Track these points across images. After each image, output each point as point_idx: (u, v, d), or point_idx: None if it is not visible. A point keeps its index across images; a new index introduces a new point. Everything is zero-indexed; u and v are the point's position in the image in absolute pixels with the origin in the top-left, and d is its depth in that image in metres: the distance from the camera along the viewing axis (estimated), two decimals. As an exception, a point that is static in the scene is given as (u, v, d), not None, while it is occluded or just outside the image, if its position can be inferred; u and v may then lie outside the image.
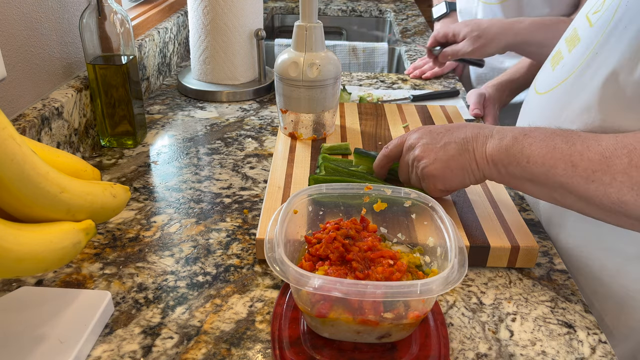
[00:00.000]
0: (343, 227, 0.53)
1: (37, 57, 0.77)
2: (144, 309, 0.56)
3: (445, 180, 0.64)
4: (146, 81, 1.09)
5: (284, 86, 0.85)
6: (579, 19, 0.69)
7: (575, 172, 0.53)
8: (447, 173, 0.63)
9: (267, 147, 0.91)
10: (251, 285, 0.60)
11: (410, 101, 1.11)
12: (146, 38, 1.10)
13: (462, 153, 0.62)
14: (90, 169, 0.55)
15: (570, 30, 0.70)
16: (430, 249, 0.55)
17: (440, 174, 0.63)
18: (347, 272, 0.49)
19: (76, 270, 0.61)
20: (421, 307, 0.47)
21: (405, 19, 1.81)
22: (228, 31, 1.06)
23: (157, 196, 0.76)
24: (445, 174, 0.63)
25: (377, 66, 1.50)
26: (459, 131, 0.64)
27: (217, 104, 1.08)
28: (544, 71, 0.75)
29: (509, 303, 0.58)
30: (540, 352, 0.52)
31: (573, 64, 0.65)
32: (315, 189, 0.57)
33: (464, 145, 0.62)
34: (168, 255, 0.64)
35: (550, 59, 0.74)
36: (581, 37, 0.65)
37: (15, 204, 0.43)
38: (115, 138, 0.88)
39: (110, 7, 0.80)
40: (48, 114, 0.75)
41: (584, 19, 0.67)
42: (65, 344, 0.49)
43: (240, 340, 0.53)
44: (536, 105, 0.73)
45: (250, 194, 0.77)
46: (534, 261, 0.63)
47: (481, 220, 0.66)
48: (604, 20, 0.62)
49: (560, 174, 0.54)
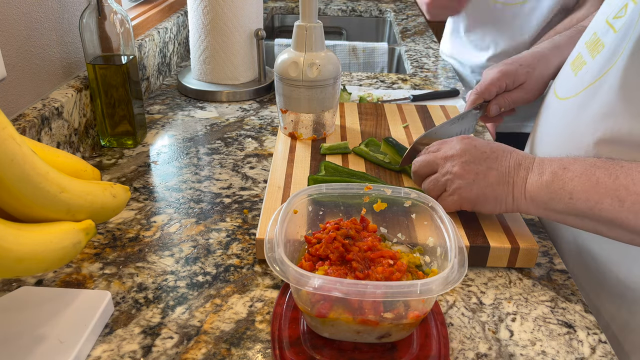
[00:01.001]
0: (343, 227, 0.53)
1: (37, 57, 0.77)
2: (144, 309, 0.56)
3: (476, 205, 0.63)
4: (146, 81, 1.09)
5: (284, 86, 0.85)
6: (599, 24, 0.67)
7: (623, 207, 0.53)
8: (481, 199, 0.62)
9: (267, 147, 0.91)
10: (251, 285, 0.60)
11: (410, 101, 1.11)
12: (146, 38, 1.10)
13: (501, 184, 0.61)
14: (90, 169, 0.55)
15: (590, 34, 0.69)
16: (430, 249, 0.55)
17: (474, 198, 0.62)
18: (347, 272, 0.49)
19: (76, 270, 0.61)
20: (421, 307, 0.47)
21: (405, 19, 1.81)
22: (228, 31, 1.06)
23: (157, 196, 0.76)
24: (478, 200, 0.62)
25: (377, 66, 1.50)
26: (503, 158, 0.62)
27: (217, 104, 1.08)
28: (564, 75, 0.73)
29: (509, 303, 0.58)
30: (540, 352, 0.52)
31: (599, 70, 0.63)
32: (315, 189, 0.57)
33: (505, 177, 0.61)
34: (168, 255, 0.64)
35: (570, 63, 0.72)
36: (605, 43, 0.64)
37: (15, 204, 0.43)
38: (115, 138, 0.88)
39: (110, 7, 0.80)
40: (48, 114, 0.75)
41: (605, 24, 0.65)
42: (65, 344, 0.49)
43: (240, 340, 0.53)
44: (557, 110, 0.71)
45: (250, 194, 0.77)
46: (534, 261, 0.63)
47: (481, 220, 0.66)
48: (628, 27, 0.60)
49: (607, 209, 0.54)
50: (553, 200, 0.57)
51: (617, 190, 0.53)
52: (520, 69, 0.82)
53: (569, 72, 0.71)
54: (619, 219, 0.53)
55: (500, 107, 0.85)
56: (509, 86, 0.83)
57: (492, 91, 0.83)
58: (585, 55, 0.68)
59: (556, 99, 0.72)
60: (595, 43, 0.66)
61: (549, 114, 0.75)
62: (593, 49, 0.66)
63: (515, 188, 0.60)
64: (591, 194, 0.55)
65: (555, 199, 0.57)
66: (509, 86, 0.83)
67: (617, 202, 0.53)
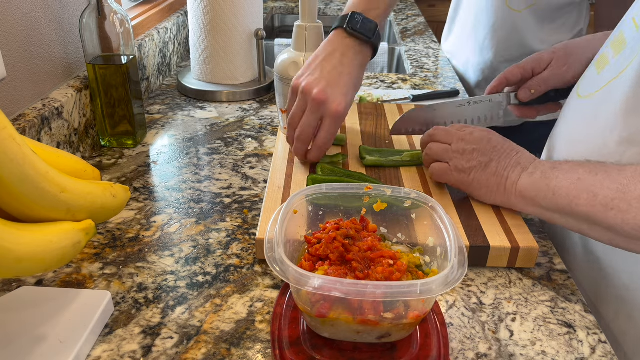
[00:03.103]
0: (343, 227, 0.52)
1: (37, 57, 0.77)
2: (144, 309, 0.56)
3: (469, 188, 0.68)
4: (146, 81, 1.09)
5: (283, 86, 0.85)
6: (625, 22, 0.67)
7: (596, 201, 0.54)
8: (475, 185, 0.67)
9: (267, 147, 0.91)
10: (251, 285, 0.60)
11: (410, 101, 1.11)
12: (146, 38, 1.10)
13: (496, 176, 0.66)
14: (90, 169, 0.55)
15: (617, 34, 0.68)
16: (430, 249, 0.55)
17: (469, 182, 0.68)
18: (347, 272, 0.49)
19: (76, 270, 0.61)
20: (421, 307, 0.47)
21: (405, 19, 1.81)
22: (228, 31, 1.06)
23: (157, 196, 0.76)
24: (472, 185, 0.68)
25: (377, 66, 1.50)
26: (507, 156, 0.66)
27: (217, 104, 1.08)
28: (588, 75, 0.72)
29: (509, 303, 0.58)
30: (540, 352, 0.52)
31: (618, 67, 0.64)
32: (315, 189, 0.57)
33: (502, 170, 0.65)
34: (168, 255, 0.64)
35: (595, 63, 0.71)
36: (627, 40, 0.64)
37: (15, 204, 0.43)
38: (115, 138, 0.88)
39: (110, 7, 0.80)
40: (48, 114, 0.75)
41: (631, 22, 0.65)
42: (65, 344, 0.49)
43: (240, 340, 0.53)
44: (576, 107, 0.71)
45: (250, 194, 0.77)
46: (534, 261, 0.63)
47: (481, 220, 0.66)
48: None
49: (583, 204, 0.56)
50: (538, 196, 0.61)
51: (594, 185, 0.55)
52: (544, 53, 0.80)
53: (593, 72, 0.70)
54: (592, 213, 0.55)
55: (531, 89, 0.80)
56: (536, 69, 0.80)
57: (515, 72, 0.80)
58: (609, 54, 0.67)
59: (577, 97, 0.72)
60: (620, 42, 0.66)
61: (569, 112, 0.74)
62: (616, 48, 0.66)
63: (507, 182, 0.64)
64: (571, 190, 0.57)
65: (540, 195, 0.60)
66: (536, 69, 0.80)
67: (592, 196, 0.55)
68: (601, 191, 0.54)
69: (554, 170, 0.60)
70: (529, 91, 0.80)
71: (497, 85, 0.82)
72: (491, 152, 0.67)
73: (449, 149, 0.70)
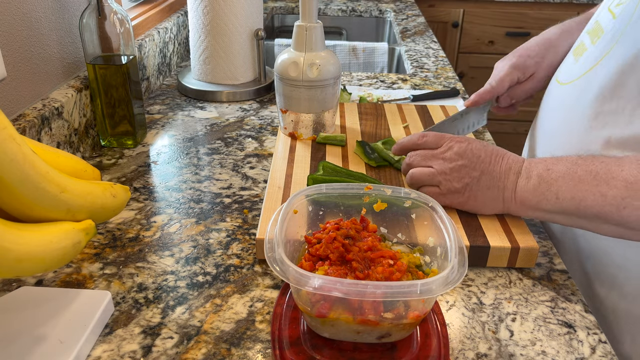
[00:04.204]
0: (343, 227, 0.53)
1: (37, 57, 0.77)
2: (144, 309, 0.56)
3: (466, 206, 0.66)
4: (146, 81, 1.09)
5: (284, 86, 0.85)
6: (601, 13, 0.69)
7: (605, 202, 0.55)
8: (471, 201, 0.65)
9: (267, 147, 0.91)
10: (251, 285, 0.60)
11: (410, 101, 1.11)
12: (146, 38, 1.10)
13: (492, 188, 0.63)
14: (90, 169, 0.55)
15: (593, 23, 0.70)
16: (430, 249, 0.55)
17: (465, 200, 0.65)
18: (347, 272, 0.49)
19: (76, 270, 0.61)
20: (421, 307, 0.47)
21: (405, 19, 1.81)
22: (228, 31, 1.06)
23: (157, 196, 0.76)
24: (469, 202, 0.65)
25: (377, 66, 1.50)
26: (496, 163, 0.64)
27: (217, 104, 1.08)
28: (566, 62, 0.74)
29: (509, 303, 0.58)
30: (540, 352, 0.52)
31: (597, 55, 0.65)
32: (315, 189, 0.57)
33: (496, 181, 0.63)
34: (168, 255, 0.64)
35: (572, 51, 0.74)
36: (605, 29, 0.66)
37: (15, 204, 0.43)
38: (115, 138, 0.88)
39: (110, 7, 0.80)
40: (48, 114, 0.75)
41: (607, 12, 0.67)
42: (65, 344, 0.49)
43: (240, 340, 0.53)
44: (557, 95, 0.73)
45: (250, 194, 0.77)
46: (534, 261, 0.63)
47: (481, 220, 0.66)
48: (628, 12, 0.62)
49: (591, 205, 0.56)
50: (541, 202, 0.60)
51: (598, 186, 0.55)
52: (529, 61, 0.83)
53: (571, 59, 0.73)
54: (604, 213, 0.55)
55: (512, 98, 0.86)
56: (520, 78, 0.84)
57: (505, 86, 0.84)
58: (586, 42, 0.70)
59: (557, 84, 0.74)
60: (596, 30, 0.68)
61: (549, 99, 0.76)
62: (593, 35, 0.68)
63: (505, 192, 0.63)
64: (575, 193, 0.57)
65: (543, 200, 0.60)
66: (520, 78, 0.84)
67: (600, 197, 0.55)
68: (609, 191, 0.54)
69: (549, 172, 0.59)
70: (510, 99, 0.87)
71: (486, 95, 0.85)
72: (479, 164, 0.64)
73: (434, 173, 0.66)
